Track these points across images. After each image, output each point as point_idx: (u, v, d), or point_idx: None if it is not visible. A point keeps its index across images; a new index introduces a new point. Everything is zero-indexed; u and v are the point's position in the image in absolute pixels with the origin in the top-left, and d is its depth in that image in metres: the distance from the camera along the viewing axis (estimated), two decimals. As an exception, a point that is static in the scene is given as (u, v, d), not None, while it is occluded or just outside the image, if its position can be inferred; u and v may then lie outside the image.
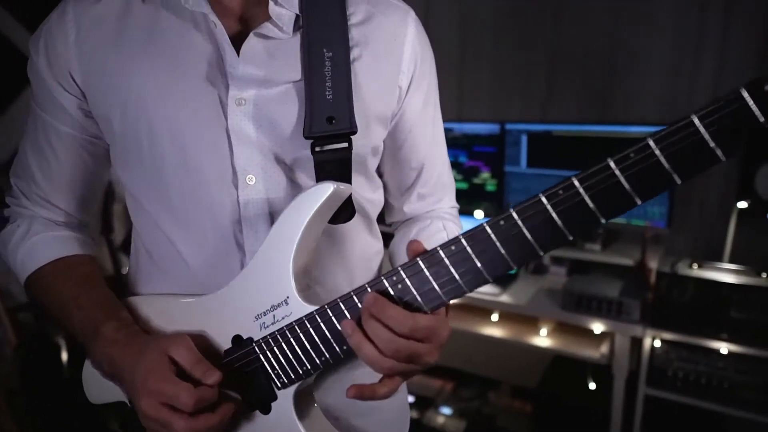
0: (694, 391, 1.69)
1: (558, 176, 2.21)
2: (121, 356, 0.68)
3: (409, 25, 0.76)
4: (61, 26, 0.70)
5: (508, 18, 2.52)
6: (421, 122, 0.81)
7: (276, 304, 0.65)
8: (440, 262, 0.57)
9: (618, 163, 0.49)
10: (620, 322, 1.76)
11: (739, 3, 2.06)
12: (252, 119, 0.68)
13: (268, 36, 0.69)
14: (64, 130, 0.75)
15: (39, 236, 0.78)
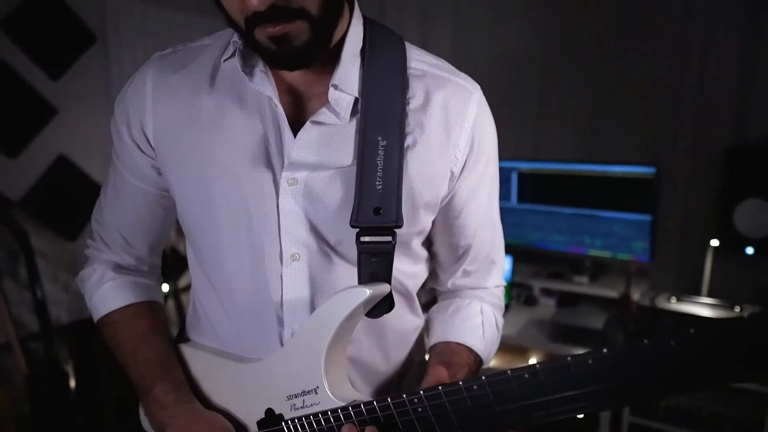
0: (677, 421, 1.77)
1: (545, 211, 2.34)
2: (168, 424, 0.74)
3: (470, 107, 0.74)
4: (141, 93, 0.75)
5: (498, 66, 2.67)
6: (472, 204, 0.79)
7: (306, 390, 0.69)
8: (462, 397, 0.60)
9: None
10: (605, 352, 1.84)
11: (715, 54, 2.21)
12: (301, 199, 0.70)
13: (324, 123, 0.70)
14: (138, 185, 0.81)
15: (112, 282, 0.84)
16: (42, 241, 2.16)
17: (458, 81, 0.75)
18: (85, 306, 2.41)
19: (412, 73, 0.73)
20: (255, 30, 0.60)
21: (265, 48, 0.62)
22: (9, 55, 2.08)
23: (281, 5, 0.57)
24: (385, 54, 0.71)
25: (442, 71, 0.75)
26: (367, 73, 0.70)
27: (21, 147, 2.16)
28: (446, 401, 0.60)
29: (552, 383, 0.55)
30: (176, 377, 0.79)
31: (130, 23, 2.47)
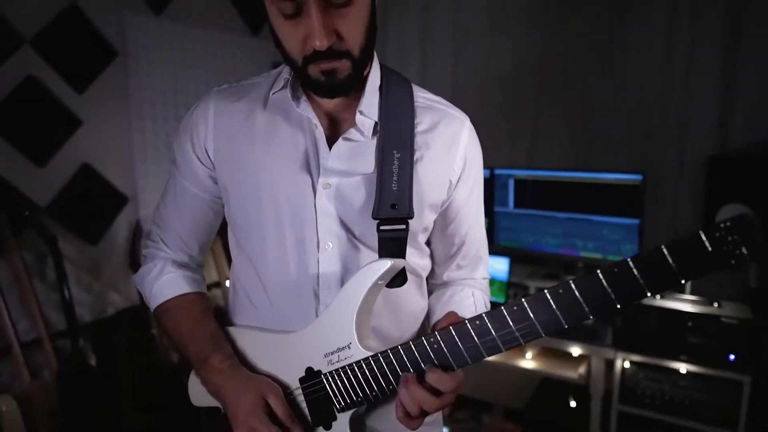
0: (660, 408, 1.92)
1: (540, 216, 2.49)
2: (225, 387, 0.87)
3: (463, 132, 0.93)
4: (205, 117, 0.93)
5: (497, 81, 2.84)
6: (465, 208, 0.97)
7: (341, 347, 0.84)
8: (468, 332, 0.75)
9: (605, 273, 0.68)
10: (595, 346, 2.00)
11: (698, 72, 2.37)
12: (334, 199, 0.87)
13: (352, 139, 0.88)
14: (195, 192, 0.97)
15: (170, 275, 0.98)
16: (66, 245, 2.30)
17: (454, 113, 0.95)
18: (106, 306, 2.56)
19: (418, 105, 0.92)
20: (310, 65, 0.78)
21: (315, 79, 0.79)
22: (39, 70, 2.22)
23: (335, 48, 0.76)
24: (397, 90, 0.91)
25: (442, 105, 0.95)
26: (385, 104, 0.89)
27: (48, 156, 2.30)
28: (455, 335, 0.76)
29: (533, 311, 0.71)
30: (227, 350, 0.93)
31: (147, 39, 2.62)
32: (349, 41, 0.77)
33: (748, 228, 0.58)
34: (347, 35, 0.76)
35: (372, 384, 0.82)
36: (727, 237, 0.59)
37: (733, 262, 0.59)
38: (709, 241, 0.60)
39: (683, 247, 0.61)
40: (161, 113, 2.72)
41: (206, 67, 2.91)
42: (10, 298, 2.06)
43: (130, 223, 2.64)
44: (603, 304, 0.67)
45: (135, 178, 2.64)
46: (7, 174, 2.16)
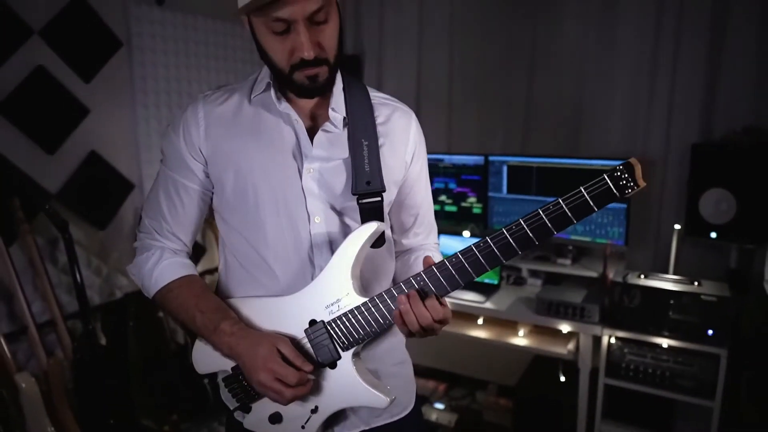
0: (644, 380, 2.05)
1: (533, 201, 2.60)
2: (238, 345, 0.99)
3: (412, 122, 1.13)
4: (195, 118, 1.06)
5: (490, 69, 2.93)
6: (418, 183, 1.16)
7: (340, 298, 0.99)
8: (446, 269, 0.94)
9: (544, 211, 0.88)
10: (583, 323, 2.11)
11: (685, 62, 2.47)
12: (317, 182, 1.03)
13: (329, 131, 1.05)
14: (189, 185, 1.08)
15: (168, 261, 1.09)
16: (75, 229, 2.38)
17: (403, 107, 1.15)
18: (114, 289, 2.64)
19: (374, 101, 1.10)
20: (296, 72, 0.95)
21: (300, 84, 0.96)
22: (48, 60, 2.29)
23: (318, 56, 0.94)
24: (356, 90, 1.08)
25: (392, 101, 1.14)
26: (349, 102, 1.06)
27: (58, 144, 2.37)
28: (437, 272, 0.95)
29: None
30: (234, 316, 1.04)
31: (151, 29, 2.68)
32: (328, 51, 0.95)
33: (632, 169, 0.83)
34: (326, 46, 0.94)
35: (371, 322, 0.98)
36: (621, 176, 0.83)
37: (627, 192, 0.84)
38: (611, 181, 0.84)
39: (595, 186, 0.85)
40: (165, 102, 2.79)
41: (208, 56, 2.98)
42: (24, 280, 2.14)
43: (136, 209, 2.72)
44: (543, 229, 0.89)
45: (140, 165, 2.72)
46: (20, 161, 2.23)
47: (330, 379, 1.01)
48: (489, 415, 2.74)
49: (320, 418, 1.02)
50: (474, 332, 2.39)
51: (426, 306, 0.92)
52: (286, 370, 0.95)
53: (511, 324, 2.38)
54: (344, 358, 1.00)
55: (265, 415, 1.05)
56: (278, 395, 0.96)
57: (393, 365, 1.15)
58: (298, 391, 0.96)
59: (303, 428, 1.03)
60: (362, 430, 1.10)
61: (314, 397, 1.02)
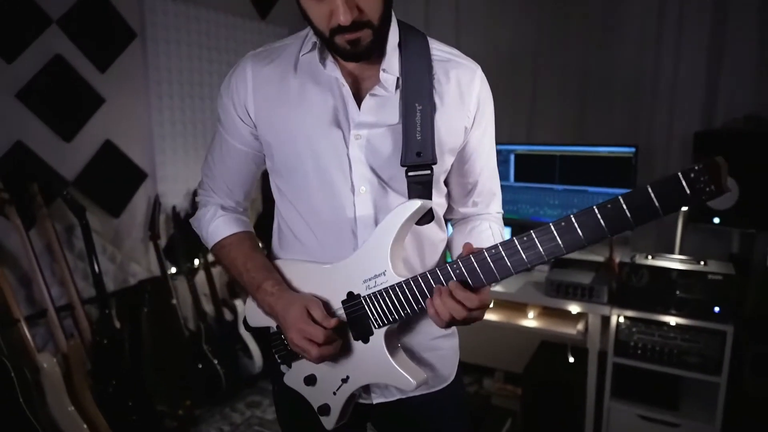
0: (651, 358, 2.10)
1: (539, 188, 2.65)
2: (276, 304, 1.02)
3: (476, 80, 1.03)
4: (243, 80, 1.03)
5: (494, 59, 2.99)
6: (478, 150, 1.08)
7: (377, 274, 0.97)
8: (484, 259, 0.86)
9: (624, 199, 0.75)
10: (592, 304, 2.16)
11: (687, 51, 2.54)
12: (364, 149, 0.98)
13: (378, 95, 0.97)
14: (240, 147, 1.08)
15: (222, 217, 1.13)
16: (91, 216, 2.42)
17: (466, 63, 1.04)
18: (128, 276, 2.69)
19: (435, 58, 1.00)
20: (336, 36, 0.88)
21: (341, 48, 0.90)
22: (65, 49, 2.33)
23: (357, 20, 0.86)
24: (414, 46, 1.00)
25: (455, 56, 1.04)
26: (404, 60, 0.98)
27: (74, 132, 2.41)
28: (475, 262, 0.88)
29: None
30: (277, 277, 1.07)
31: (165, 20, 2.73)
32: (369, 13, 0.86)
33: (716, 170, 0.68)
34: (367, 9, 0.86)
35: (404, 304, 0.95)
36: (700, 177, 0.69)
37: (703, 198, 0.69)
38: (686, 181, 0.70)
39: (665, 186, 0.72)
40: (177, 92, 2.84)
41: (219, 48, 3.03)
42: (42, 265, 2.17)
43: (149, 197, 2.76)
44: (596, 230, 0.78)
45: (153, 155, 2.76)
46: (38, 148, 2.27)
47: (362, 352, 1.01)
48: (497, 400, 2.79)
49: (350, 388, 1.04)
50: (489, 317, 2.43)
51: (458, 299, 0.87)
52: (314, 328, 0.96)
53: (520, 306, 2.43)
54: (377, 334, 0.99)
55: (301, 375, 1.08)
56: (306, 353, 0.98)
57: (433, 339, 1.11)
58: (325, 350, 0.97)
59: (334, 394, 1.05)
60: (399, 399, 1.10)
61: (346, 367, 1.03)
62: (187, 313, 2.86)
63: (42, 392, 2.03)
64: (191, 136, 2.93)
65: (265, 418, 2.77)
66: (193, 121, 2.94)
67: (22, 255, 2.17)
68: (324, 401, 1.06)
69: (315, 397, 1.07)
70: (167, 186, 2.82)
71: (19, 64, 2.18)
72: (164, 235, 2.80)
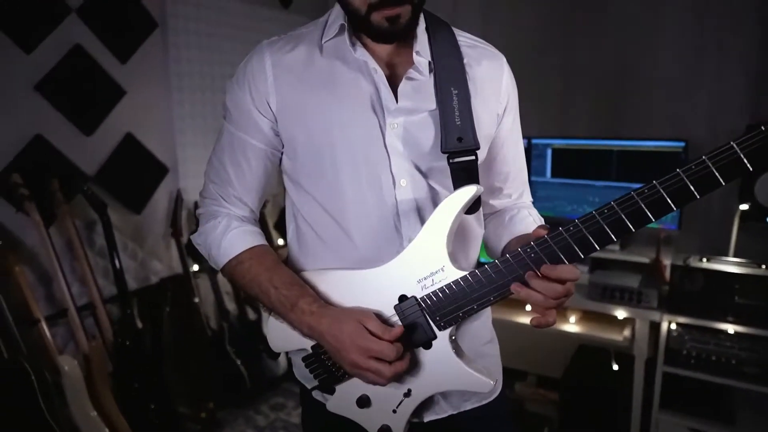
0: (706, 368, 1.96)
1: (578, 185, 2.51)
2: (319, 324, 0.89)
3: (504, 68, 1.00)
4: (262, 69, 0.94)
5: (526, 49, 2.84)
6: (509, 139, 1.04)
7: (435, 271, 0.87)
8: (563, 238, 0.80)
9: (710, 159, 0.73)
10: (640, 309, 2.03)
11: (735, 33, 2.37)
12: (402, 138, 0.91)
13: (414, 78, 0.92)
14: (256, 145, 0.97)
15: (237, 230, 0.98)
16: (111, 213, 2.33)
17: (493, 50, 1.02)
18: (149, 274, 2.60)
19: (462, 44, 0.97)
20: (374, 13, 0.82)
21: (377, 26, 0.84)
22: (85, 39, 2.25)
23: None
24: (441, 31, 0.95)
25: (481, 44, 1.01)
26: (433, 44, 0.93)
27: (95, 125, 2.33)
28: (551, 243, 0.81)
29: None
30: (312, 293, 0.94)
31: (186, 11, 2.63)
32: None
33: None
34: None
35: (472, 299, 0.86)
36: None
37: None
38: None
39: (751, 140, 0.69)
40: (199, 85, 2.75)
41: (241, 39, 2.92)
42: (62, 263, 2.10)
43: (170, 193, 2.68)
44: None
45: (175, 149, 2.67)
46: (58, 142, 2.19)
47: (425, 360, 0.91)
48: (531, 406, 2.66)
49: (413, 403, 0.93)
50: (521, 319, 2.31)
51: (548, 276, 0.80)
52: (380, 345, 0.85)
53: (561, 310, 2.30)
54: (440, 338, 0.89)
55: (352, 398, 0.96)
56: (377, 375, 0.85)
57: (482, 345, 1.05)
58: (398, 367, 0.86)
59: (394, 412, 0.94)
60: (451, 415, 1.01)
61: (407, 380, 0.92)
62: (208, 312, 2.78)
63: (63, 396, 1.96)
64: (212, 131, 2.83)
65: (290, 421, 2.68)
66: (214, 114, 2.84)
67: (42, 253, 2.10)
68: (383, 422, 0.95)
69: (371, 419, 0.96)
70: (189, 181, 2.74)
71: (38, 55, 2.10)
72: (186, 231, 2.71)
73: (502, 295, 0.86)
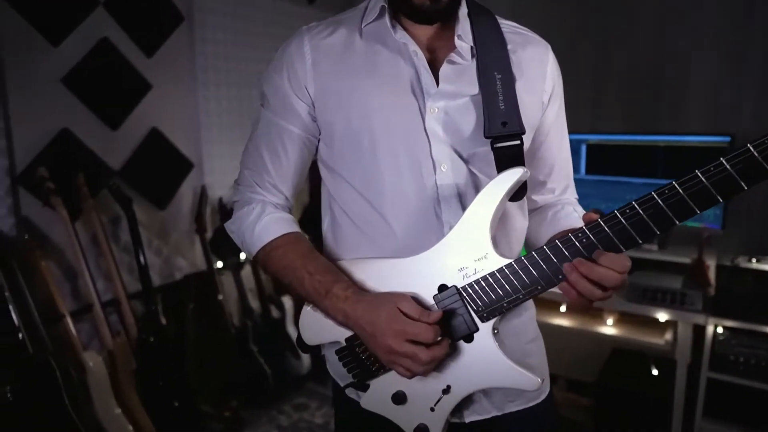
0: (755, 374, 1.85)
1: (613, 182, 2.41)
2: (354, 310, 0.86)
3: (549, 55, 0.97)
4: (300, 53, 0.92)
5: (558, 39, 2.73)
6: (554, 128, 0.99)
7: (477, 258, 0.83)
8: (617, 222, 0.74)
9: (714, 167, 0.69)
10: (684, 311, 1.93)
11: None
12: (442, 123, 0.89)
13: (456, 62, 0.89)
14: (294, 131, 0.95)
15: (271, 216, 0.96)
16: (136, 209, 2.30)
17: (537, 38, 0.98)
18: (173, 270, 2.56)
19: (504, 30, 0.94)
20: None
21: (418, 5, 0.84)
22: (112, 32, 2.23)
23: None
24: (482, 16, 0.93)
25: (525, 30, 0.98)
26: (476, 29, 0.91)
27: (121, 119, 2.31)
28: (605, 227, 0.76)
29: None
30: (347, 279, 0.91)
31: (213, 4, 2.60)
32: None
33: None
34: None
35: (518, 288, 0.82)
36: None
37: None
38: None
39: None
40: (225, 80, 2.72)
41: (267, 35, 2.89)
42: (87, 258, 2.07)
43: (195, 189, 2.65)
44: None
45: (200, 145, 2.65)
46: (84, 136, 2.17)
47: (465, 354, 0.86)
48: (562, 411, 2.57)
49: (453, 400, 0.87)
50: (556, 320, 2.22)
51: (603, 264, 0.74)
52: (417, 326, 0.81)
53: (596, 311, 2.21)
54: (483, 331, 0.85)
55: (387, 394, 0.91)
56: (413, 360, 0.81)
57: (526, 342, 0.99)
58: (436, 352, 0.81)
59: (432, 410, 0.88)
60: (494, 416, 0.95)
61: (446, 375, 0.87)
62: (232, 310, 2.75)
63: (87, 392, 1.94)
64: (238, 127, 2.80)
65: (314, 422, 2.63)
66: (240, 110, 2.81)
67: (68, 248, 2.08)
68: (419, 421, 0.89)
69: (407, 418, 0.90)
70: (214, 177, 2.71)
71: (65, 48, 2.08)
72: (210, 228, 2.68)
73: (551, 283, 0.80)
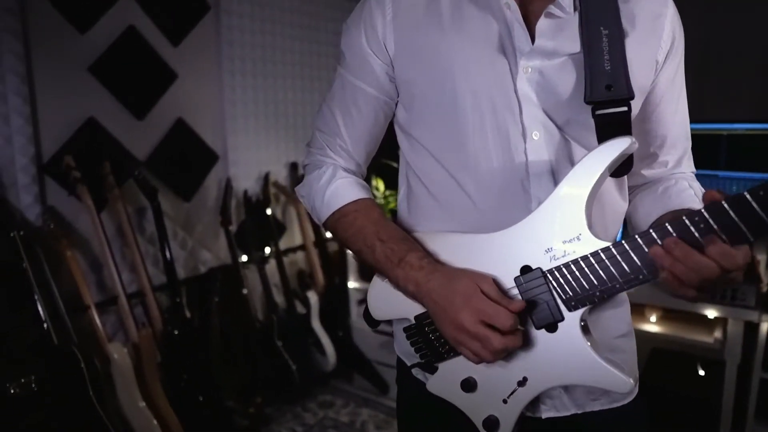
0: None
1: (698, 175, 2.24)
2: (429, 281, 0.78)
3: (668, 6, 0.84)
4: (380, 6, 0.85)
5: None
6: (668, 94, 0.87)
7: (568, 240, 0.73)
8: (745, 204, 0.60)
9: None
10: (735, 308, 1.81)
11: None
12: (536, 85, 0.79)
13: (555, 15, 0.79)
14: (370, 92, 0.89)
15: (342, 180, 0.91)
16: (162, 200, 2.27)
17: None
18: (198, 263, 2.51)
19: None
20: None
21: None
22: (138, 20, 2.19)
23: None
24: None
25: None
26: None
27: (147, 109, 2.28)
28: (728, 208, 0.63)
29: None
30: (422, 248, 0.84)
31: (238, -7, 2.56)
32: None
33: None
34: None
35: (615, 276, 0.70)
36: None
37: None
38: None
39: None
40: (251, 70, 2.67)
41: (294, 24, 2.84)
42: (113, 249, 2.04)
43: (220, 181, 2.61)
44: None
45: (225, 136, 2.60)
46: (110, 126, 2.14)
47: (547, 346, 0.77)
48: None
49: (529, 394, 0.79)
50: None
51: (708, 254, 0.62)
52: (496, 309, 0.72)
53: (638, 308, 2.10)
54: (569, 321, 0.75)
55: (456, 379, 0.83)
56: (484, 344, 0.73)
57: (616, 337, 0.89)
58: (509, 341, 0.73)
59: (505, 402, 0.80)
60: (574, 414, 0.86)
61: (522, 366, 0.78)
62: (256, 305, 2.70)
63: (111, 385, 1.90)
64: (263, 117, 2.75)
65: (339, 420, 2.57)
66: (266, 101, 2.76)
67: (93, 238, 2.05)
68: (490, 412, 0.81)
69: (476, 407, 0.82)
70: (239, 169, 2.66)
71: (92, 35, 2.05)
72: (235, 220, 2.64)
73: (654, 273, 0.68)
